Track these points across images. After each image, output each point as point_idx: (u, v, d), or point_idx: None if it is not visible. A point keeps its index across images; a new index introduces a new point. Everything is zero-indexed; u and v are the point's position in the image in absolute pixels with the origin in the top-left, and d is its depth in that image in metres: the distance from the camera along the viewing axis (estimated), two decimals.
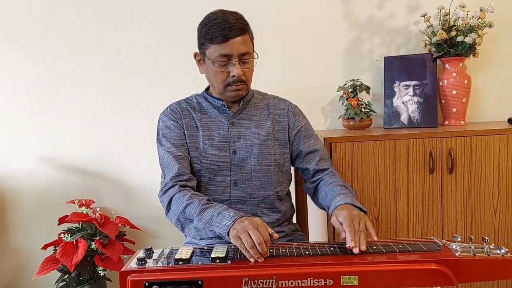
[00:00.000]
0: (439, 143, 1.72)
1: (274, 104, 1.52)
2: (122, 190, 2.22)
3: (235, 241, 1.11)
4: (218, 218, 1.19)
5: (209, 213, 1.23)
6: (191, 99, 1.51)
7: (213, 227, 1.19)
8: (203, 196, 1.31)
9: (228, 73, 1.37)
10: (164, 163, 1.40)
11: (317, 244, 1.16)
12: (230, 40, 1.33)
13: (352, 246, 1.09)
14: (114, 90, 2.17)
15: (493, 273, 1.04)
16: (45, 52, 2.15)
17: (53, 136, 2.19)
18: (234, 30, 1.32)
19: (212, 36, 1.33)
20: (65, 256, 1.85)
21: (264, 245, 1.07)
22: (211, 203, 1.28)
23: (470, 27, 1.88)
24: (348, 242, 1.10)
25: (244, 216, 1.17)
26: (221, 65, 1.36)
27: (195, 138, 1.43)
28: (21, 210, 2.23)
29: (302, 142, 1.49)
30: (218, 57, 1.35)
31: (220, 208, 1.23)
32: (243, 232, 1.09)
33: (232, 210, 1.22)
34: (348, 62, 2.12)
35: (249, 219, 1.14)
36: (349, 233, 1.12)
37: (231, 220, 1.16)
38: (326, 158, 1.51)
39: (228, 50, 1.34)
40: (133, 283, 1.01)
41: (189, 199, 1.28)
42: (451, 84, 1.93)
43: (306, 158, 1.49)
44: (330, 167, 1.49)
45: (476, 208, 1.74)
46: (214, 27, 1.33)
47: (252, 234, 1.08)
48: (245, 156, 1.42)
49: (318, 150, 1.49)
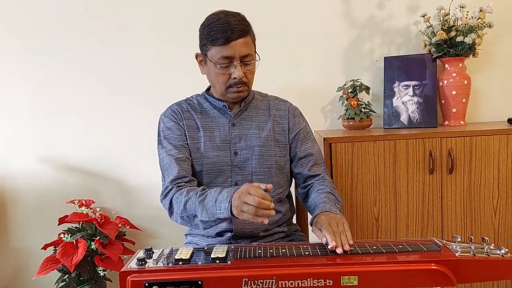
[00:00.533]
0: (439, 143, 1.72)
1: (275, 105, 1.51)
2: (122, 190, 2.22)
3: (241, 216, 1.12)
4: (216, 205, 1.20)
5: (207, 203, 1.23)
6: (191, 100, 1.51)
7: (216, 216, 1.20)
8: (197, 188, 1.31)
9: (229, 75, 1.36)
10: (164, 166, 1.40)
11: (317, 245, 1.16)
12: (232, 42, 1.32)
13: (334, 245, 1.09)
14: (114, 90, 2.17)
15: (493, 274, 1.04)
16: (46, 52, 2.15)
17: (53, 136, 2.19)
18: (235, 32, 1.32)
19: (214, 37, 1.33)
20: (65, 256, 1.85)
21: (264, 202, 1.08)
22: (205, 192, 1.27)
23: (470, 27, 1.88)
24: (330, 242, 1.10)
25: (235, 191, 1.17)
26: (223, 67, 1.35)
27: (196, 139, 1.43)
28: (21, 210, 2.23)
29: (299, 145, 1.48)
30: (219, 59, 1.34)
31: (215, 194, 1.23)
32: (241, 205, 1.11)
33: (224, 190, 1.22)
34: (348, 62, 2.12)
35: (238, 192, 1.15)
36: (329, 234, 1.13)
37: (227, 202, 1.17)
38: (320, 163, 1.50)
39: (230, 52, 1.33)
40: (133, 283, 1.01)
41: (187, 195, 1.28)
42: (451, 84, 1.93)
43: (300, 162, 1.48)
44: (322, 172, 1.48)
45: (476, 208, 1.74)
46: (216, 29, 1.33)
47: (249, 201, 1.09)
48: (246, 158, 1.42)
49: (313, 155, 1.48)
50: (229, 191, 1.20)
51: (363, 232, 1.76)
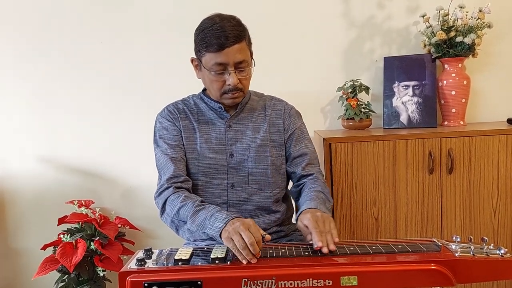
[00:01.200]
0: (438, 143, 1.72)
1: (271, 105, 1.51)
2: (121, 190, 2.22)
3: (228, 243, 1.11)
4: (211, 220, 1.19)
5: (202, 215, 1.22)
6: (188, 100, 1.50)
7: (206, 229, 1.19)
8: (197, 198, 1.30)
9: (224, 81, 1.35)
10: (160, 165, 1.40)
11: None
12: (226, 49, 1.30)
13: (320, 245, 1.09)
14: (113, 91, 2.17)
15: (492, 274, 1.04)
16: (45, 53, 2.15)
17: (52, 136, 2.19)
18: (230, 38, 1.30)
19: (208, 44, 1.31)
20: (65, 257, 1.85)
21: (256, 245, 1.07)
22: (205, 205, 1.27)
23: (469, 27, 1.88)
24: (316, 242, 1.10)
25: (236, 217, 1.17)
26: (217, 74, 1.34)
27: (192, 140, 1.42)
28: (20, 210, 2.23)
29: (294, 145, 1.48)
30: (213, 65, 1.33)
31: (213, 210, 1.22)
32: (234, 234, 1.09)
33: (225, 212, 1.21)
34: (347, 62, 2.12)
35: (240, 220, 1.14)
36: (316, 234, 1.12)
37: (223, 222, 1.15)
38: (314, 163, 1.49)
39: (224, 59, 1.31)
40: (133, 283, 1.01)
41: (183, 201, 1.28)
42: (450, 85, 1.93)
43: (294, 161, 1.48)
44: (315, 172, 1.47)
45: (476, 208, 1.74)
46: (210, 35, 1.31)
47: (244, 235, 1.08)
48: (242, 159, 1.42)
49: (307, 154, 1.48)
50: (229, 214, 1.19)
51: (362, 232, 1.76)
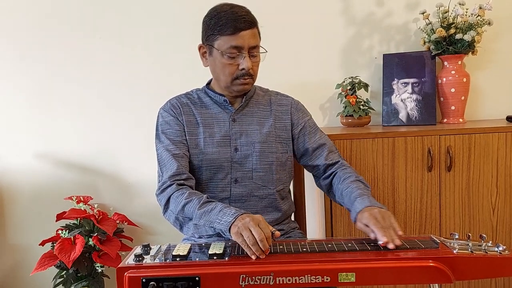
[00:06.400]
0: (437, 140, 1.72)
1: (277, 101, 1.50)
2: (120, 186, 2.21)
3: (237, 238, 1.10)
4: (219, 215, 1.18)
5: (210, 210, 1.21)
6: (191, 94, 1.49)
7: (214, 224, 1.18)
8: (201, 194, 1.29)
9: (237, 65, 1.35)
10: (162, 161, 1.38)
11: (315, 241, 1.15)
12: (241, 32, 1.31)
13: (385, 241, 1.08)
14: (112, 86, 2.16)
15: (490, 271, 1.04)
16: (44, 49, 2.15)
17: (51, 132, 2.19)
18: (245, 22, 1.31)
19: (223, 27, 1.32)
20: (63, 253, 1.85)
21: (266, 241, 1.06)
22: (211, 201, 1.26)
23: (469, 24, 1.87)
24: (380, 238, 1.10)
25: (245, 213, 1.16)
26: (230, 57, 1.34)
27: (196, 134, 1.41)
28: (19, 206, 2.23)
29: (308, 139, 1.46)
30: (228, 48, 1.33)
31: (221, 206, 1.22)
32: (244, 229, 1.09)
33: (233, 208, 1.21)
34: (346, 59, 2.11)
35: (250, 216, 1.13)
36: (379, 230, 1.12)
37: (232, 217, 1.15)
38: (334, 150, 1.48)
39: (239, 42, 1.32)
40: (131, 279, 1.00)
41: (188, 197, 1.27)
42: (450, 82, 1.93)
43: (314, 154, 1.46)
44: (340, 159, 1.46)
45: (474, 206, 1.74)
46: (225, 18, 1.31)
47: (254, 231, 1.07)
48: (247, 154, 1.41)
49: (325, 144, 1.47)
50: (238, 210, 1.18)
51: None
